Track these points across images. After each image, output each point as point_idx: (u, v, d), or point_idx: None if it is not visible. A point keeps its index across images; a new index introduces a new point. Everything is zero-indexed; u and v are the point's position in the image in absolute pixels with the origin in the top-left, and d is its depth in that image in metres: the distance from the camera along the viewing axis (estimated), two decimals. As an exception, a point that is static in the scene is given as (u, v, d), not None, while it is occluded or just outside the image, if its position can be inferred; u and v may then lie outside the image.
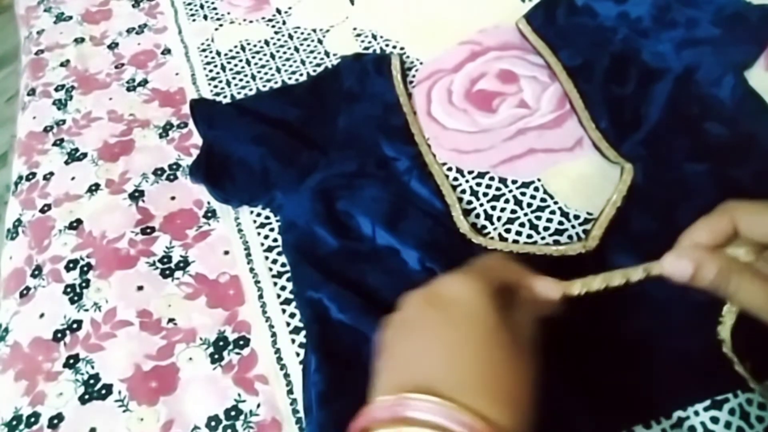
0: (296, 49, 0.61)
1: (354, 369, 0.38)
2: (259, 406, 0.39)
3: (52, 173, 0.54)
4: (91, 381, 0.41)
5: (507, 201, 0.47)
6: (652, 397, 0.36)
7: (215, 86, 0.58)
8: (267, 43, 0.62)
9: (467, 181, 0.48)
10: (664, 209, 0.42)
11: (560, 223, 0.45)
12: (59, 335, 0.44)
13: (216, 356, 0.41)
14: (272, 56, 0.60)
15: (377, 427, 0.27)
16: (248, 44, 0.62)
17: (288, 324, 0.42)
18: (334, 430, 0.36)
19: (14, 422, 0.40)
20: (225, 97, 0.57)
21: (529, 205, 0.46)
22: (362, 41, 0.60)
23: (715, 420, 0.35)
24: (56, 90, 0.61)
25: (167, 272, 0.46)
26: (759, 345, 0.35)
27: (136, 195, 0.51)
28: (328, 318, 0.40)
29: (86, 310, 0.44)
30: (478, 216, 0.46)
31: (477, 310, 0.30)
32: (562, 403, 0.36)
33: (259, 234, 0.47)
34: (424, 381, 0.28)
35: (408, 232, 0.43)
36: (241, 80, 0.58)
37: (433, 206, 0.45)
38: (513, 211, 0.46)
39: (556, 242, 0.44)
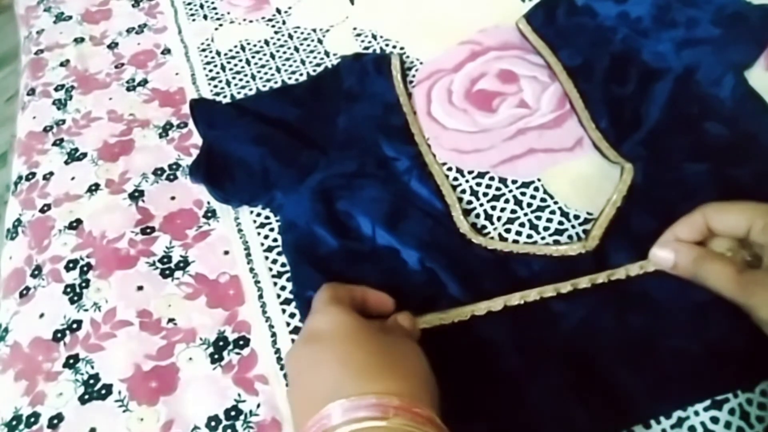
0: (296, 49, 0.61)
1: None
2: (259, 406, 0.39)
3: (51, 173, 0.54)
4: (91, 381, 0.41)
5: (507, 201, 0.47)
6: (652, 397, 0.36)
7: (215, 86, 0.58)
8: (267, 43, 0.62)
9: (467, 181, 0.48)
10: (664, 209, 0.42)
11: (560, 223, 0.45)
12: (59, 335, 0.44)
13: (216, 356, 0.41)
14: (272, 56, 0.60)
15: None
16: (248, 44, 0.62)
17: (288, 324, 0.42)
18: None
19: (14, 422, 0.40)
20: (225, 97, 0.57)
21: (529, 205, 0.46)
22: (362, 41, 0.60)
23: (715, 420, 0.35)
24: (56, 90, 0.61)
25: (167, 272, 0.46)
26: None
27: (136, 195, 0.51)
28: None
29: (86, 310, 0.44)
30: (478, 216, 0.46)
31: (343, 323, 0.34)
32: (562, 403, 0.36)
33: (259, 234, 0.47)
34: (330, 394, 0.30)
35: (408, 232, 0.43)
36: (241, 80, 0.58)
37: (433, 206, 0.45)
38: (513, 211, 0.46)
39: (556, 242, 0.44)
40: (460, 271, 0.41)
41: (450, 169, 0.49)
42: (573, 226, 0.44)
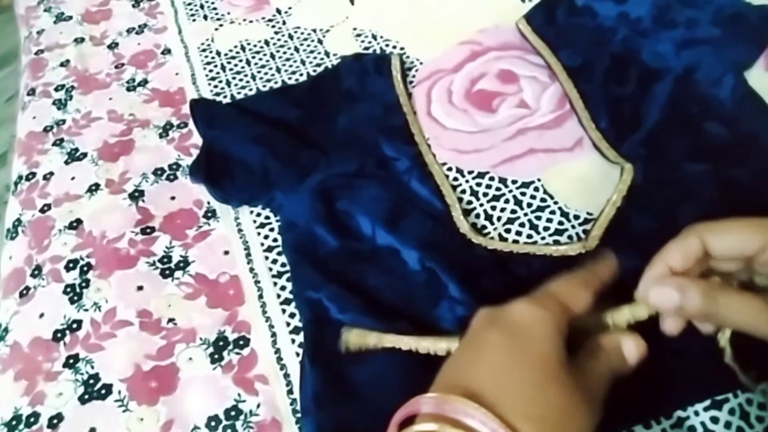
0: (296, 49, 0.61)
1: (353, 369, 0.38)
2: (259, 406, 0.39)
3: (51, 173, 0.54)
4: (91, 381, 0.41)
5: (507, 201, 0.47)
6: (652, 397, 0.36)
7: (215, 86, 0.58)
8: (267, 43, 0.62)
9: (467, 181, 0.48)
10: (664, 209, 0.42)
11: (560, 223, 0.45)
12: (59, 335, 0.44)
13: (216, 356, 0.41)
14: (272, 56, 0.60)
15: (419, 420, 0.28)
16: (248, 44, 0.62)
17: (288, 324, 0.42)
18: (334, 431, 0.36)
19: (14, 422, 0.40)
20: (225, 97, 0.57)
21: (529, 205, 0.46)
22: (362, 41, 0.60)
23: (715, 420, 0.35)
24: (56, 90, 0.61)
25: (167, 272, 0.46)
26: (760, 350, 0.35)
27: (136, 195, 0.51)
28: (327, 318, 0.40)
29: (86, 310, 0.44)
30: (478, 216, 0.46)
31: (541, 342, 0.30)
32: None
33: (259, 234, 0.47)
34: (476, 390, 0.28)
35: (408, 232, 0.43)
36: (241, 80, 0.58)
37: (433, 206, 0.45)
38: (513, 211, 0.46)
39: (556, 242, 0.44)
40: (460, 272, 0.41)
41: (450, 169, 0.49)
42: (573, 226, 0.44)
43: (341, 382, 0.37)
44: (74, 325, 0.44)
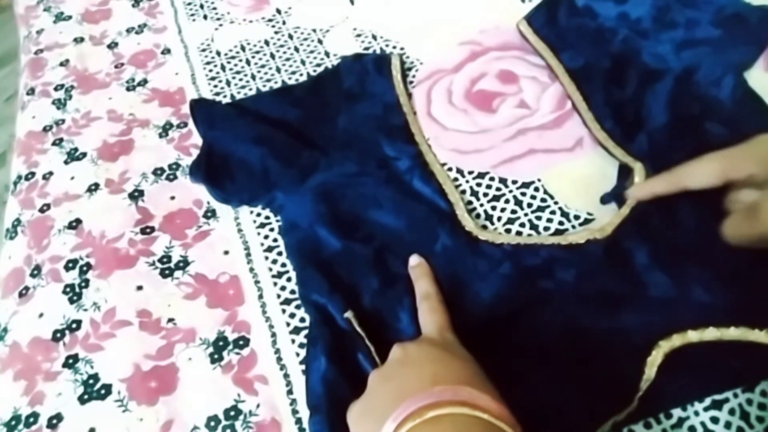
0: (296, 49, 0.61)
1: (366, 365, 0.38)
2: (258, 406, 0.39)
3: (51, 173, 0.53)
4: (91, 381, 0.41)
5: (507, 201, 0.47)
6: (652, 397, 0.36)
7: (215, 86, 0.58)
8: (267, 43, 0.62)
9: (467, 182, 0.48)
10: (666, 208, 0.42)
11: (560, 223, 0.45)
12: (58, 335, 0.43)
13: (216, 356, 0.41)
14: (272, 56, 0.60)
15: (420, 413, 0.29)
16: (248, 44, 0.62)
17: (288, 324, 0.42)
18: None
19: (13, 422, 0.40)
20: (225, 97, 0.57)
21: (530, 205, 0.46)
22: (362, 41, 0.60)
23: (715, 420, 0.35)
24: (56, 89, 0.61)
25: (167, 272, 0.46)
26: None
27: (136, 195, 0.51)
28: (334, 324, 0.40)
29: (85, 310, 0.44)
30: (478, 216, 0.46)
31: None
32: (562, 403, 0.36)
33: (259, 234, 0.47)
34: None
35: (411, 230, 0.43)
36: (241, 80, 0.58)
37: (437, 205, 0.45)
38: (513, 212, 0.46)
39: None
40: (467, 269, 0.41)
41: (450, 169, 0.49)
42: (573, 227, 0.44)
43: (355, 378, 0.37)
44: (74, 325, 0.44)
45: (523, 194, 0.47)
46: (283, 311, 0.43)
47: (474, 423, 0.29)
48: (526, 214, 0.46)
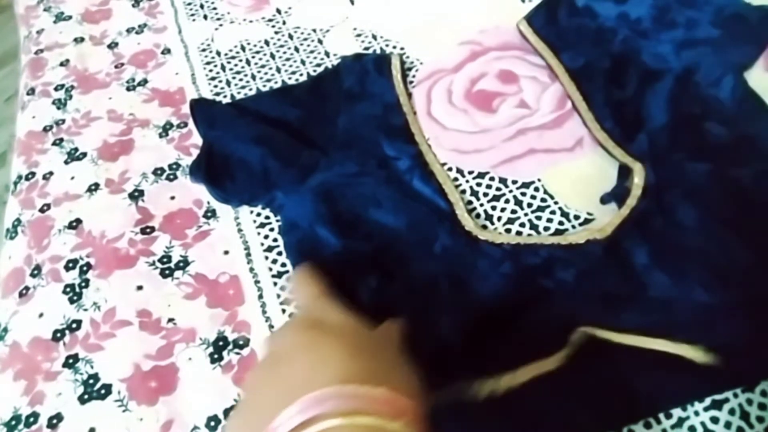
0: (296, 49, 0.61)
1: None
2: (258, 406, 0.39)
3: (51, 173, 0.53)
4: (91, 381, 0.41)
5: (507, 201, 0.47)
6: (652, 397, 0.36)
7: (215, 86, 0.58)
8: (267, 43, 0.62)
9: (467, 182, 0.48)
10: (667, 208, 0.42)
11: (560, 223, 0.45)
12: (58, 335, 0.43)
13: (216, 356, 0.41)
14: (272, 56, 0.60)
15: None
16: (248, 44, 0.62)
17: (288, 324, 0.42)
18: None
19: (13, 422, 0.40)
20: (225, 97, 0.57)
21: (530, 205, 0.46)
22: (362, 41, 0.60)
23: (715, 420, 0.35)
24: (56, 89, 0.61)
25: (167, 272, 0.46)
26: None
27: (136, 195, 0.51)
28: None
29: (85, 310, 0.44)
30: (478, 216, 0.46)
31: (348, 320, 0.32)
32: (563, 403, 0.36)
33: (259, 234, 0.47)
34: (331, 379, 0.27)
35: (411, 231, 0.43)
36: (241, 80, 0.58)
37: (437, 205, 0.45)
38: (513, 212, 0.46)
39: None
40: (467, 269, 0.41)
41: (450, 169, 0.49)
42: (573, 227, 0.44)
43: None
44: (74, 325, 0.44)
45: (523, 194, 0.47)
46: (283, 311, 0.43)
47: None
48: (526, 214, 0.46)
